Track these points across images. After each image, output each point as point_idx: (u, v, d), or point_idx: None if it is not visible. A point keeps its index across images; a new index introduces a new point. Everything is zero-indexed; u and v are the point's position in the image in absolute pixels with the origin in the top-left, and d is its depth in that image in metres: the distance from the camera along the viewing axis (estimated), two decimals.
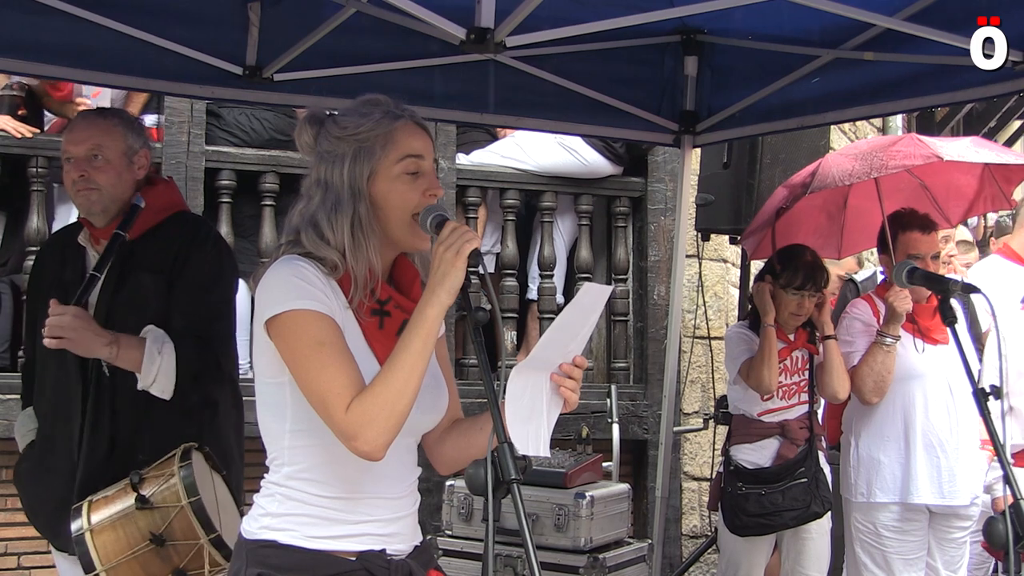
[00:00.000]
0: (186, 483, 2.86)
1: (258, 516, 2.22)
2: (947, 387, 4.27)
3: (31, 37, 3.60)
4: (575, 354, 2.16)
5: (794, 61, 4.03)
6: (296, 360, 2.10)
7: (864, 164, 4.29)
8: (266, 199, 5.46)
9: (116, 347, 3.02)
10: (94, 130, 3.19)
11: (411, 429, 2.21)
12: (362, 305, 2.18)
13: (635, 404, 6.06)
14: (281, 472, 2.20)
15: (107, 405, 3.14)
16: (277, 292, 2.13)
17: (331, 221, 2.17)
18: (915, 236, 4.26)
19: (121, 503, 2.90)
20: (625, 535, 4.72)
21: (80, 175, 3.14)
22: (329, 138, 2.23)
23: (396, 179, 2.20)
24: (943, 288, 3.07)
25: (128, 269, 3.16)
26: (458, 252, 2.06)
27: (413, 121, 2.25)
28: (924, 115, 10.22)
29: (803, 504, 4.32)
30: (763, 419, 4.42)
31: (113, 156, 3.17)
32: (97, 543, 2.86)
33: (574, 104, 4.34)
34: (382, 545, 2.21)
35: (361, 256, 2.16)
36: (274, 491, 2.21)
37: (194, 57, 3.76)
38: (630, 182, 6.22)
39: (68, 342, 2.97)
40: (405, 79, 3.96)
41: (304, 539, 2.16)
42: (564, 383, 2.14)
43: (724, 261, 6.69)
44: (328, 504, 2.17)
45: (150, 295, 3.17)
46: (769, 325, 4.32)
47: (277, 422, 2.20)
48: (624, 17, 3.57)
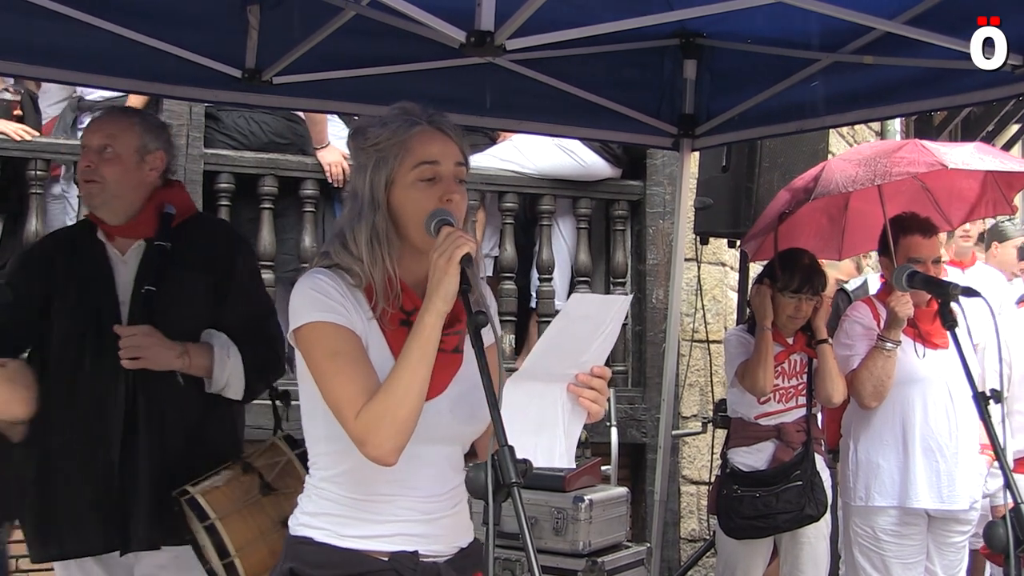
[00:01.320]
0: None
1: (298, 514, 2.30)
2: (947, 391, 4.27)
3: (29, 40, 3.59)
4: (593, 364, 2.17)
5: (793, 65, 4.03)
6: (314, 371, 2.18)
7: (868, 171, 4.30)
8: (265, 202, 5.45)
9: (188, 357, 3.11)
10: (110, 124, 3.24)
11: (450, 438, 2.27)
12: (387, 314, 2.21)
13: (633, 408, 6.06)
14: (316, 475, 2.29)
15: (154, 408, 3.16)
16: (297, 305, 2.20)
17: (354, 232, 2.22)
18: (916, 240, 4.26)
19: (241, 490, 3.07)
20: (624, 539, 4.71)
21: (87, 165, 3.18)
22: (357, 149, 2.28)
23: (411, 187, 2.21)
24: (943, 292, 3.07)
25: (164, 271, 3.18)
26: (449, 258, 2.07)
27: (433, 126, 2.25)
28: (922, 118, 10.24)
29: (797, 507, 4.31)
30: (760, 422, 4.43)
31: (124, 151, 3.18)
32: (228, 530, 3.00)
33: (574, 107, 4.33)
34: (415, 546, 2.24)
35: (378, 266, 2.19)
36: (311, 491, 2.29)
37: (193, 60, 3.75)
38: (629, 185, 6.21)
39: (145, 360, 3.05)
40: (404, 82, 3.95)
41: (336, 537, 2.23)
42: (583, 393, 2.17)
43: (723, 265, 6.68)
44: (357, 506, 2.23)
45: (195, 295, 3.22)
46: (766, 328, 4.32)
47: (313, 427, 2.28)
48: (623, 20, 3.56)
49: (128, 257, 3.23)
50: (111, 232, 3.24)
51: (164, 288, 3.15)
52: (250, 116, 5.52)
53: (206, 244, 3.29)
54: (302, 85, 3.92)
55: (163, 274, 3.16)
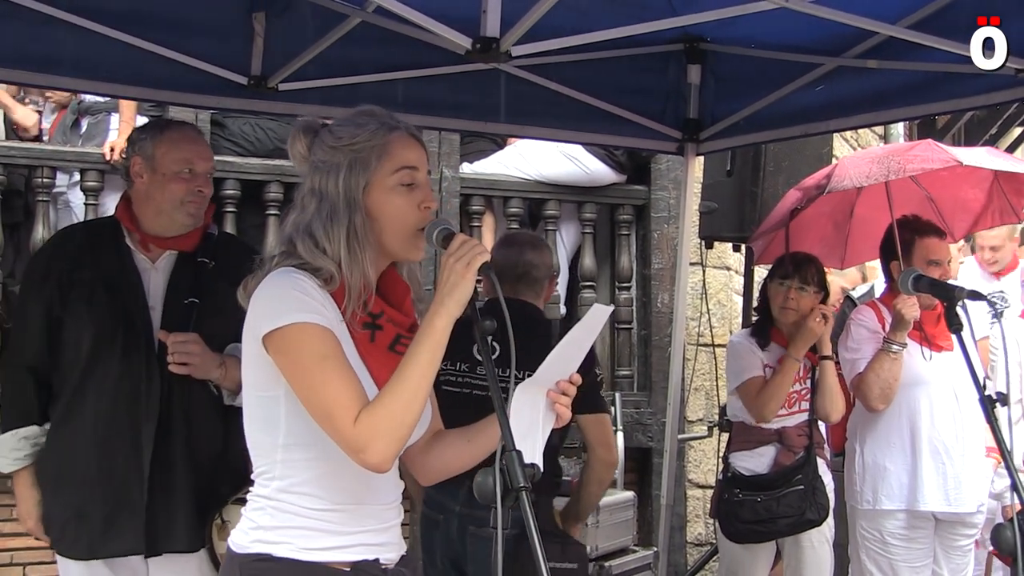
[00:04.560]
0: None
1: (248, 530, 2.20)
2: (953, 394, 4.26)
3: (37, 48, 3.60)
4: (571, 371, 2.18)
5: (797, 69, 4.04)
6: (299, 374, 2.08)
7: (882, 167, 4.29)
8: (270, 208, 5.48)
9: (225, 368, 3.17)
10: (205, 148, 3.37)
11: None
12: (355, 317, 2.18)
13: (639, 412, 6.06)
14: (271, 486, 2.18)
15: (185, 410, 3.22)
16: (276, 305, 2.11)
17: (327, 231, 2.16)
18: (934, 242, 4.24)
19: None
20: (630, 543, 4.73)
21: (199, 189, 3.27)
22: (324, 148, 2.22)
23: (391, 190, 2.20)
24: (949, 295, 3.07)
25: (204, 284, 3.26)
26: (468, 264, 2.06)
27: (408, 133, 2.25)
28: (926, 122, 10.24)
29: (798, 512, 4.29)
30: (761, 426, 4.40)
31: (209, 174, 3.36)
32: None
33: (579, 112, 4.34)
34: (375, 555, 2.22)
35: (356, 267, 2.16)
36: (264, 504, 2.19)
37: (198, 67, 3.77)
38: (633, 190, 6.23)
39: (192, 368, 3.13)
40: (410, 88, 3.96)
41: (299, 551, 2.15)
42: (560, 400, 2.16)
43: (727, 269, 6.69)
44: (322, 516, 2.16)
45: (228, 308, 3.23)
46: (794, 359, 4.29)
47: (268, 435, 2.18)
48: (628, 26, 3.58)
49: (159, 265, 3.29)
50: (150, 241, 3.29)
51: (203, 301, 3.24)
52: (256, 123, 5.55)
53: (236, 260, 3.32)
54: (308, 92, 3.93)
55: (203, 287, 3.25)
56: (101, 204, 5.27)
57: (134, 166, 3.27)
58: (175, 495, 3.18)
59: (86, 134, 5.50)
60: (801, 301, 4.34)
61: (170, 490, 3.17)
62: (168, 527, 3.17)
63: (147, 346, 3.19)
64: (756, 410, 4.31)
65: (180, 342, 3.12)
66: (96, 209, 5.23)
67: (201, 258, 3.28)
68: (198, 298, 3.22)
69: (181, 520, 3.19)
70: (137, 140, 3.30)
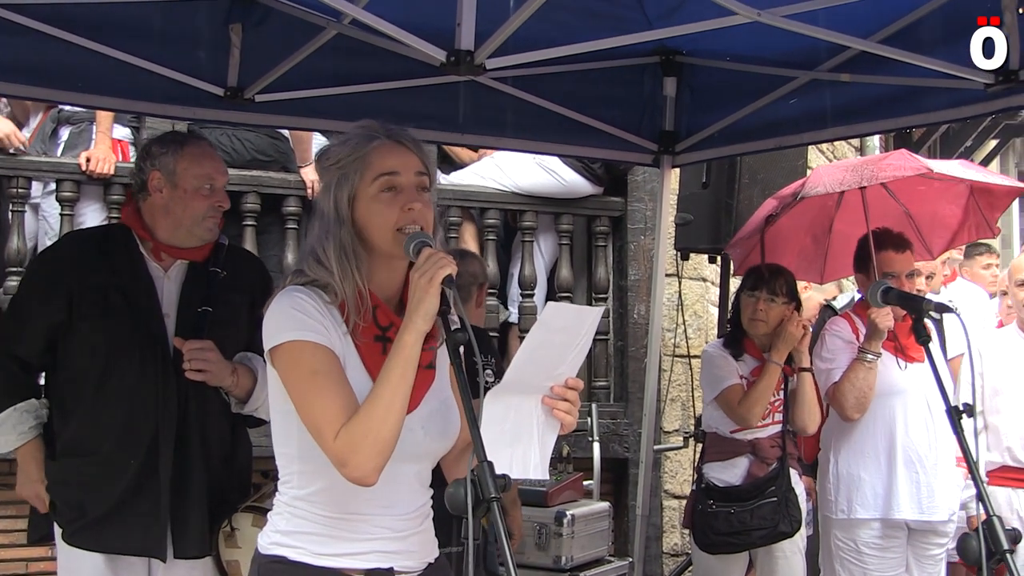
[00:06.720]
0: None
1: (270, 532, 2.29)
2: (925, 404, 4.30)
3: (10, 57, 3.59)
4: (567, 376, 2.18)
5: (772, 82, 4.07)
6: (293, 389, 2.18)
7: (855, 175, 4.35)
8: (247, 219, 5.47)
9: (236, 376, 3.24)
10: (222, 164, 3.41)
11: (421, 455, 2.28)
12: (360, 328, 2.22)
13: (615, 423, 6.08)
14: (289, 493, 2.27)
15: (200, 417, 3.27)
16: (277, 322, 2.20)
17: (324, 248, 2.24)
18: (889, 255, 4.30)
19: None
20: (606, 553, 4.73)
21: (218, 204, 3.32)
22: (321, 170, 2.32)
23: (374, 199, 2.24)
24: (916, 308, 3.10)
25: (216, 294, 3.32)
26: (431, 279, 2.09)
27: (392, 139, 2.29)
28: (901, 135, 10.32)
29: (771, 523, 4.30)
30: (735, 436, 4.42)
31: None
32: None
33: (554, 124, 4.36)
34: (390, 563, 2.25)
35: (348, 280, 2.21)
36: (283, 509, 2.27)
37: (175, 78, 3.76)
38: (610, 202, 6.25)
39: (207, 375, 3.19)
40: (385, 99, 3.97)
41: (311, 556, 2.22)
42: (558, 405, 2.17)
43: (703, 280, 6.72)
44: (334, 524, 2.23)
45: (239, 318, 3.36)
46: (774, 363, 4.31)
47: (287, 447, 2.27)
48: (604, 39, 3.60)
49: (171, 274, 3.32)
50: (165, 250, 3.31)
51: (215, 310, 3.29)
52: (233, 134, 5.54)
53: (247, 271, 3.45)
54: (284, 103, 3.94)
55: (215, 297, 3.30)
56: (77, 215, 5.26)
57: (152, 180, 3.28)
58: (189, 500, 3.22)
59: (68, 143, 5.46)
60: (770, 312, 4.36)
61: (184, 495, 3.21)
62: (181, 532, 3.21)
63: (163, 353, 3.24)
64: (740, 416, 4.33)
65: (197, 349, 3.18)
66: (71, 220, 5.20)
67: (213, 268, 3.34)
68: (210, 307, 3.28)
69: (193, 525, 3.23)
70: (158, 155, 3.30)
